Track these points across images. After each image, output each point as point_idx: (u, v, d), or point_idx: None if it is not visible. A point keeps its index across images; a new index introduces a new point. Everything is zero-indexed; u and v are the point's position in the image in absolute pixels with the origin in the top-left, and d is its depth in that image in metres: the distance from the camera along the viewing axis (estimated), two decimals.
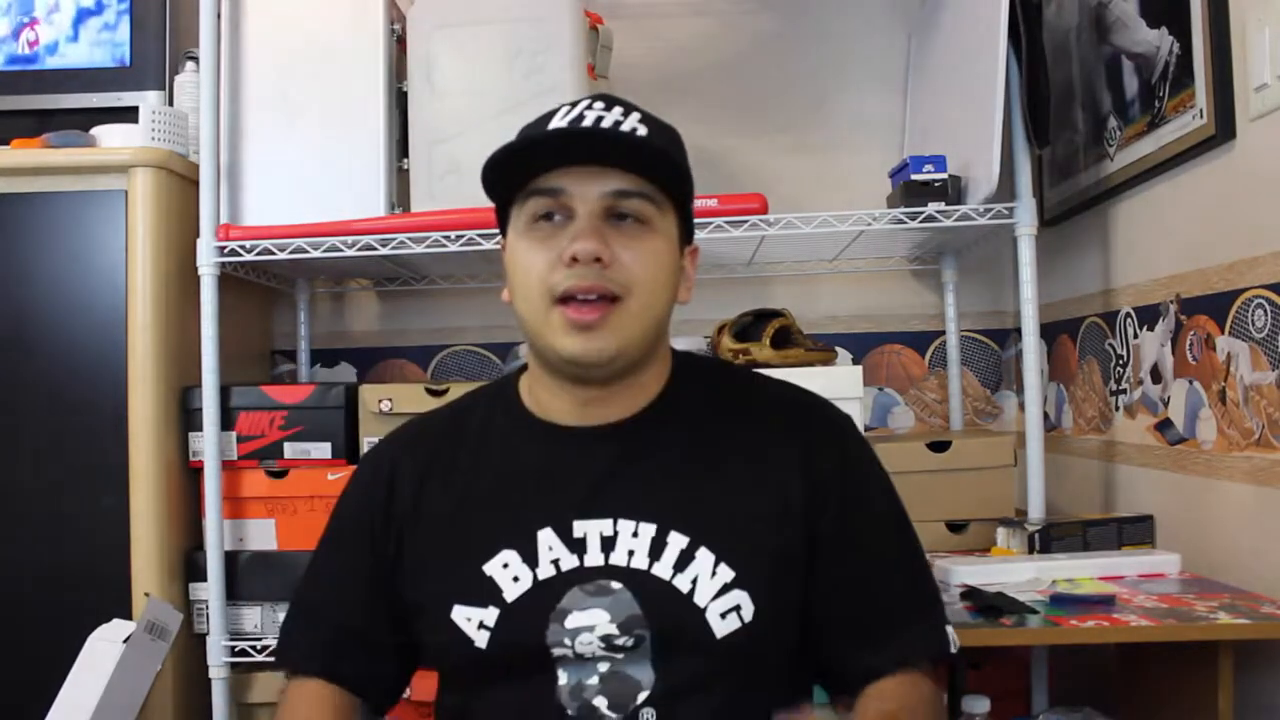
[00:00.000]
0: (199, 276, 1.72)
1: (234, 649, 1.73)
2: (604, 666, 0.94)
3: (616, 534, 0.95)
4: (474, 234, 1.69)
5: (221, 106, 1.78)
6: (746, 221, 1.70)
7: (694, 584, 0.94)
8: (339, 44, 1.81)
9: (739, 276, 2.15)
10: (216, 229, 1.73)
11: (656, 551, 0.94)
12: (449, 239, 1.70)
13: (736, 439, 1.00)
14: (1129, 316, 1.68)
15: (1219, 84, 1.36)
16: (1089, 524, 1.56)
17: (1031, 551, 1.52)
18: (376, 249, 1.72)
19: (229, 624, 1.74)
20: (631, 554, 0.94)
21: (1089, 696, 1.52)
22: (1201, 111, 1.40)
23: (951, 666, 1.56)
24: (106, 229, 1.72)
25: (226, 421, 1.76)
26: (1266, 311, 1.29)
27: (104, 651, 1.53)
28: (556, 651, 0.94)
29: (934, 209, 1.67)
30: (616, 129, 0.93)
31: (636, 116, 0.96)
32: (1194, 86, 1.41)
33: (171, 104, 1.90)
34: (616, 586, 0.94)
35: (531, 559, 0.96)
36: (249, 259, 1.74)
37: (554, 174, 0.93)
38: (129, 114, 1.80)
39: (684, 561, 0.94)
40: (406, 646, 1.04)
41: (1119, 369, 1.72)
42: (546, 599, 0.94)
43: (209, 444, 1.71)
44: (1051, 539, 1.52)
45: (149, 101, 1.85)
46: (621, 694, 0.93)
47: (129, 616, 1.64)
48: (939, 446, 1.80)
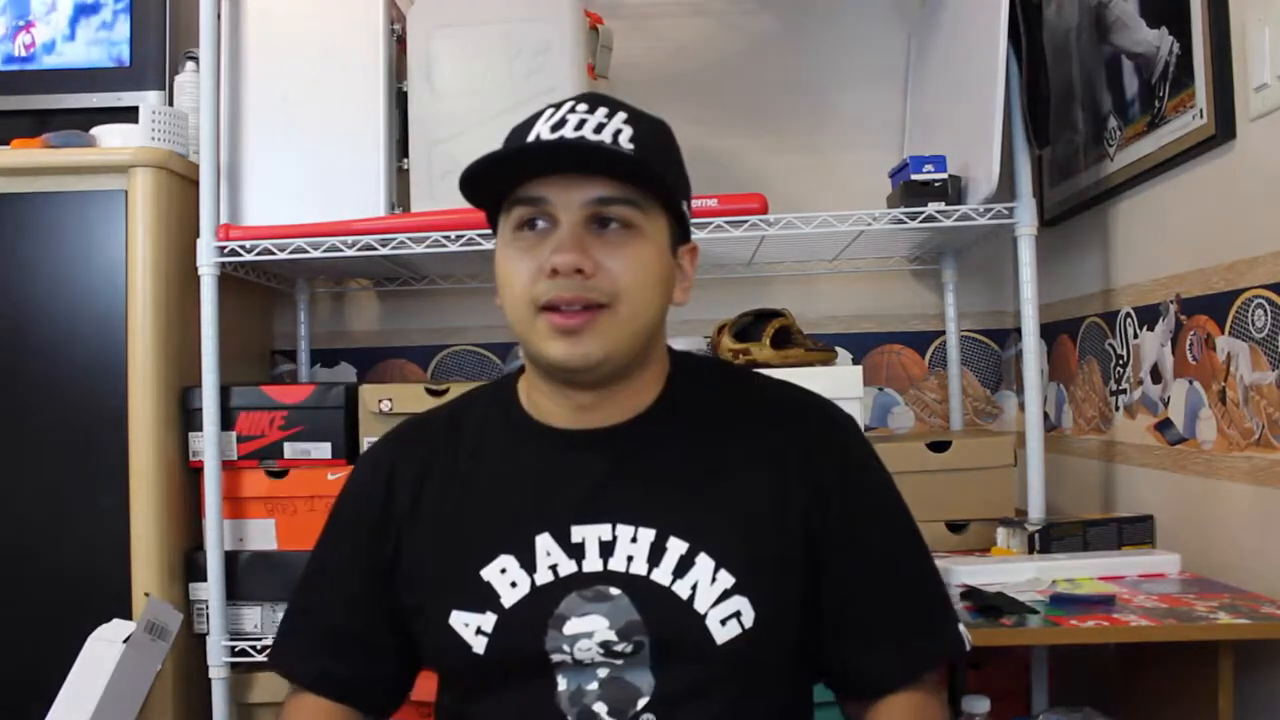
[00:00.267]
0: (199, 276, 1.72)
1: (234, 649, 1.73)
2: (603, 672, 0.93)
3: (615, 539, 0.94)
4: (474, 234, 1.69)
5: (221, 106, 1.78)
6: (746, 221, 1.70)
7: (694, 590, 0.93)
8: (339, 44, 1.81)
9: (739, 276, 2.15)
10: (216, 229, 1.73)
11: (656, 557, 0.94)
12: (449, 239, 1.70)
13: (736, 441, 0.99)
14: (1129, 316, 1.68)
15: (1219, 84, 1.36)
16: (1089, 524, 1.55)
17: (1031, 551, 1.52)
18: (376, 249, 1.72)
19: (229, 624, 1.73)
20: (630, 559, 0.94)
21: (1089, 696, 1.52)
22: (1201, 111, 1.40)
23: (952, 666, 1.56)
24: (106, 229, 1.71)
25: (226, 421, 1.76)
26: (1266, 311, 1.29)
27: (104, 651, 1.53)
28: (555, 657, 0.93)
29: (934, 209, 1.67)
30: (599, 136, 0.92)
31: (622, 117, 0.94)
32: (1194, 86, 1.41)
33: (171, 104, 1.90)
34: (615, 592, 0.93)
35: (529, 564, 0.95)
36: (249, 259, 1.74)
37: (536, 182, 0.92)
38: (129, 114, 1.80)
39: (684, 567, 0.93)
40: (406, 647, 1.03)
41: (1119, 369, 1.72)
42: (545, 605, 0.94)
43: (209, 444, 1.71)
44: (1051, 539, 1.52)
45: (149, 101, 1.84)
46: (621, 700, 0.93)
47: (129, 616, 1.64)
48: (939, 446, 1.80)
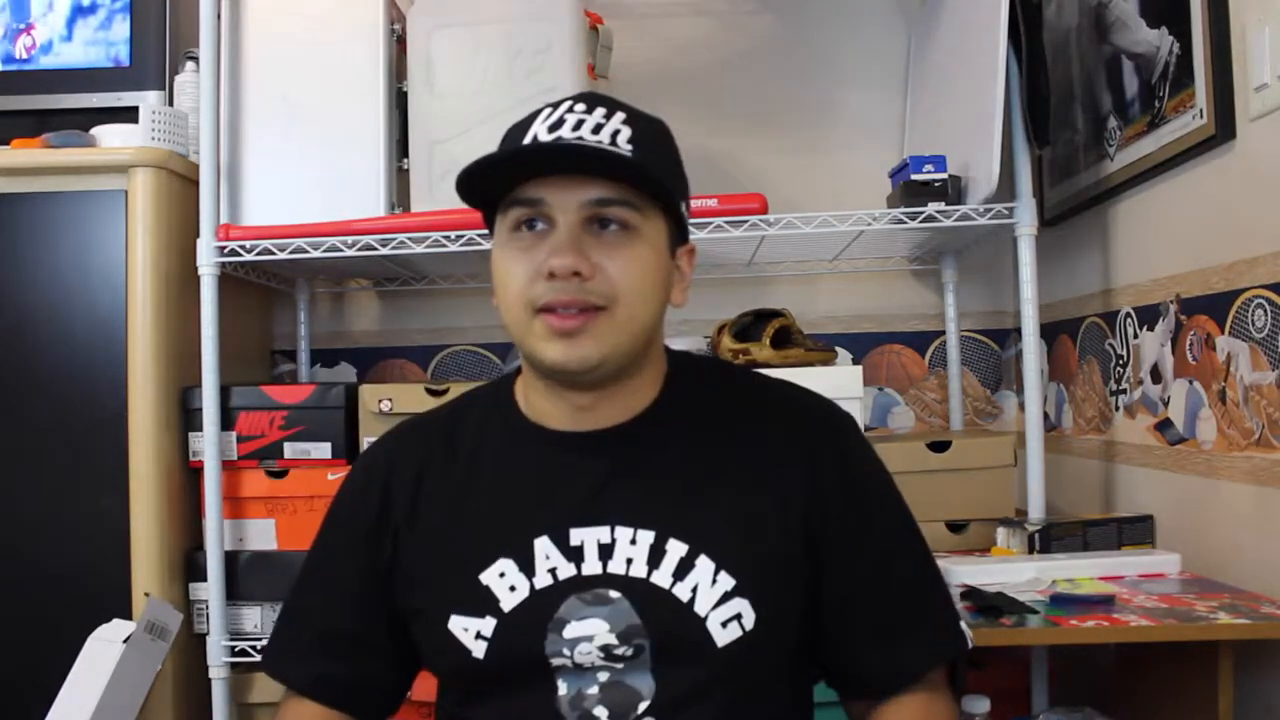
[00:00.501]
0: (199, 276, 1.72)
1: (234, 649, 1.73)
2: (604, 676, 0.93)
3: (614, 541, 0.94)
4: (474, 234, 1.69)
5: (221, 106, 1.78)
6: (746, 221, 1.70)
7: (694, 592, 0.93)
8: (339, 44, 1.81)
9: (739, 276, 2.15)
10: (216, 229, 1.73)
11: (655, 559, 0.93)
12: (449, 239, 1.70)
13: (736, 442, 0.99)
14: (1129, 316, 1.68)
15: (1219, 84, 1.36)
16: (1089, 524, 1.55)
17: (1031, 551, 1.52)
18: (376, 249, 1.72)
19: (229, 624, 1.73)
20: (630, 562, 0.93)
21: (1089, 696, 1.52)
22: (1201, 111, 1.40)
23: (952, 666, 1.56)
24: (106, 229, 1.71)
25: (226, 421, 1.76)
26: (1266, 311, 1.29)
27: (104, 651, 1.53)
28: (555, 661, 0.93)
29: (934, 209, 1.67)
30: (597, 136, 0.91)
31: (620, 116, 0.94)
32: (1194, 86, 1.41)
33: (171, 104, 1.90)
34: (615, 595, 0.93)
35: (528, 568, 0.94)
36: (249, 259, 1.74)
37: (534, 183, 0.91)
38: (129, 114, 1.80)
39: (684, 569, 0.93)
40: (404, 651, 1.03)
41: (1119, 369, 1.72)
42: (544, 609, 0.93)
43: (209, 444, 1.71)
44: (1051, 539, 1.52)
45: (149, 101, 1.84)
46: (622, 703, 0.92)
47: (129, 616, 1.64)
48: (939, 446, 1.80)
